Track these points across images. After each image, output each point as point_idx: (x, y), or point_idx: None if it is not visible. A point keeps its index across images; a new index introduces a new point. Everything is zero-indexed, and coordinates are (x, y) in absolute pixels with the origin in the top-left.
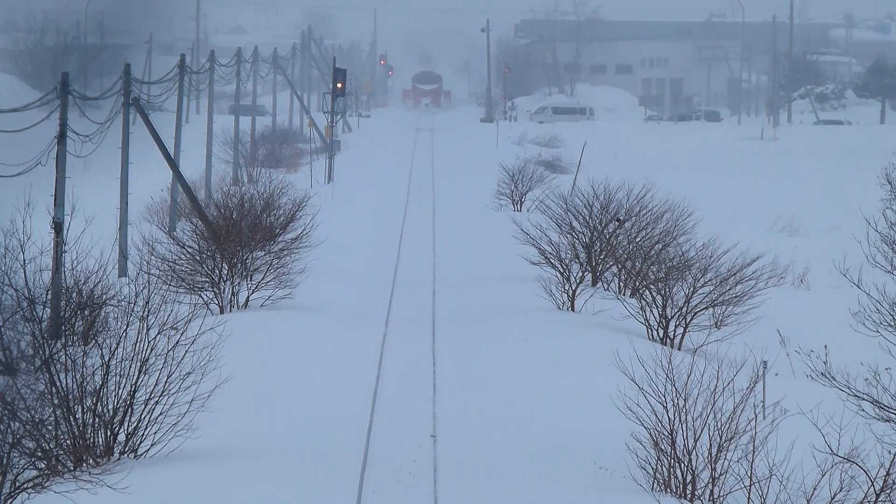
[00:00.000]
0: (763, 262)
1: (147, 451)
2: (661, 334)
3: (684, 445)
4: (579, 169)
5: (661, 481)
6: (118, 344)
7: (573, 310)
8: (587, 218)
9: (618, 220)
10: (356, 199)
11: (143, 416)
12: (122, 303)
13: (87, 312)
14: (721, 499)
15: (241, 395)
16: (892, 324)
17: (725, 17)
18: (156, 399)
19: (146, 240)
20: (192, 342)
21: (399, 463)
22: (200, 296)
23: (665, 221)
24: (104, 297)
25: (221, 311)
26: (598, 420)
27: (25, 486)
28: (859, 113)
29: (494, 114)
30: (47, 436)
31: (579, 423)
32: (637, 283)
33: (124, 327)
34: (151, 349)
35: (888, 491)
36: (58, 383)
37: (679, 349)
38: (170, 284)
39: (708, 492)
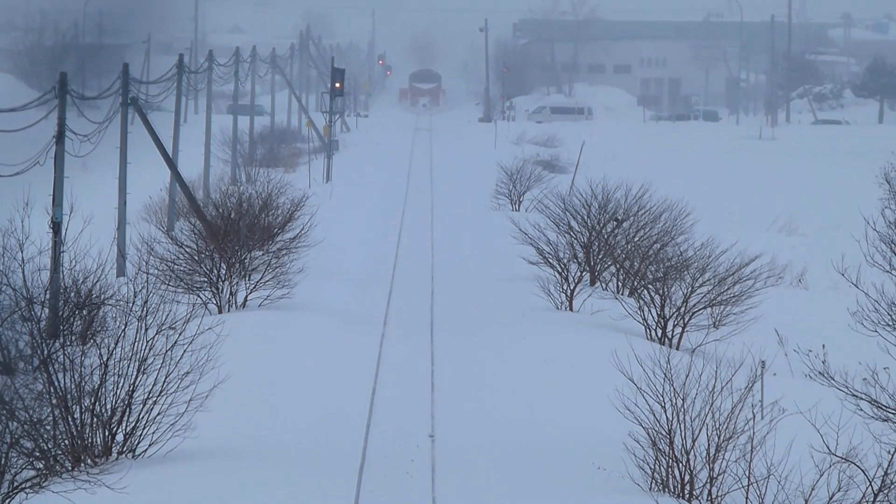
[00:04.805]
0: (761, 261)
1: (145, 451)
2: (659, 334)
3: (682, 445)
4: (577, 168)
5: (659, 481)
6: (116, 344)
7: (571, 309)
8: (585, 217)
9: (616, 219)
10: (354, 199)
11: (141, 416)
12: (121, 302)
13: (85, 312)
14: (719, 499)
15: (239, 395)
16: (891, 323)
17: (724, 17)
18: (154, 399)
19: (144, 239)
20: (191, 342)
21: (397, 463)
22: (199, 295)
23: (663, 221)
24: (102, 296)
25: (220, 311)
26: (596, 420)
27: (23, 485)
28: (857, 113)
29: (493, 113)
30: (45, 436)
31: (577, 422)
32: (635, 283)
33: (122, 327)
34: (150, 349)
35: (886, 491)
36: (56, 383)
37: (677, 349)
38: (168, 284)
39: (706, 492)
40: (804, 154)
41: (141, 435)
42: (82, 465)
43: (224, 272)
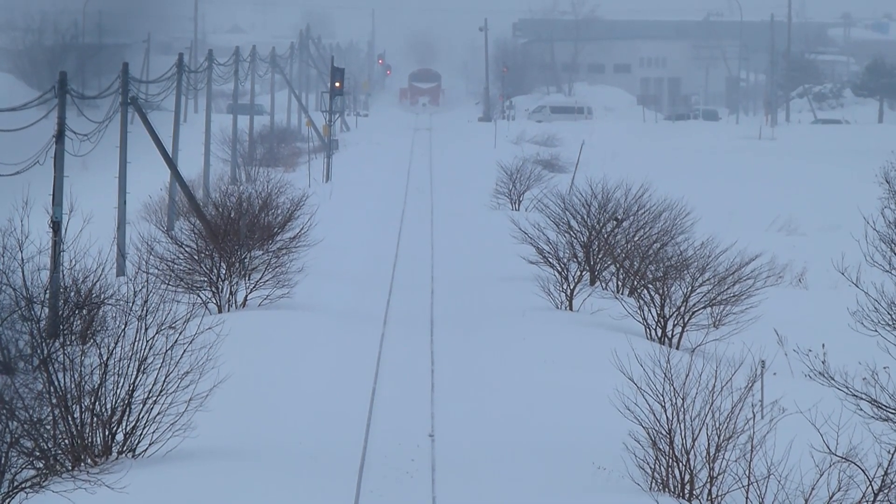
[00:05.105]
0: (761, 261)
1: (145, 450)
2: (659, 333)
3: (682, 445)
4: (577, 168)
5: (659, 481)
6: (116, 343)
7: (571, 309)
8: (585, 217)
9: (616, 219)
10: (354, 198)
11: (141, 416)
12: (121, 302)
13: (85, 312)
14: (719, 498)
15: (239, 394)
16: (891, 323)
17: (723, 17)
18: (154, 398)
19: (144, 239)
20: (191, 342)
21: (397, 462)
22: (199, 295)
23: (663, 220)
24: (102, 296)
25: (219, 311)
26: (596, 419)
27: (24, 485)
28: (857, 112)
29: (492, 113)
30: (45, 435)
31: (577, 422)
32: (635, 283)
33: (122, 327)
34: (150, 348)
35: (886, 490)
36: (56, 383)
37: (677, 348)
38: (168, 284)
39: (706, 491)
40: (804, 154)
41: (141, 434)
42: (82, 464)
43: (224, 272)
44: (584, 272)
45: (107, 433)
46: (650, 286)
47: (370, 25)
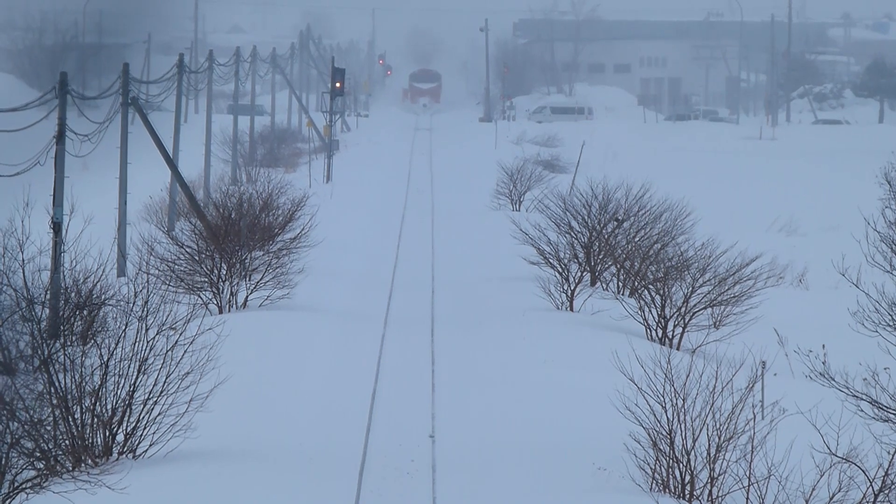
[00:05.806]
0: (762, 261)
1: (146, 451)
2: (659, 334)
3: (683, 445)
4: (578, 168)
5: (659, 481)
6: (117, 344)
7: (572, 310)
8: (586, 217)
9: (616, 219)
10: (355, 199)
11: (141, 417)
12: (121, 303)
13: (85, 312)
14: (720, 499)
15: (239, 395)
16: (891, 324)
17: (724, 17)
18: (154, 399)
19: (145, 240)
20: (191, 342)
21: (398, 463)
22: (199, 296)
23: (664, 221)
24: (103, 297)
25: (220, 311)
26: (596, 420)
27: (24, 486)
28: (858, 112)
29: (493, 113)
30: (46, 436)
31: (578, 423)
32: (636, 283)
33: (123, 327)
34: (150, 349)
35: (887, 491)
36: (56, 383)
37: (678, 349)
38: (168, 284)
39: (706, 492)
40: (804, 154)
41: (141, 435)
42: (83, 465)
43: (224, 272)
44: (584, 273)
45: (107, 434)
46: (651, 287)
47: (370, 25)
